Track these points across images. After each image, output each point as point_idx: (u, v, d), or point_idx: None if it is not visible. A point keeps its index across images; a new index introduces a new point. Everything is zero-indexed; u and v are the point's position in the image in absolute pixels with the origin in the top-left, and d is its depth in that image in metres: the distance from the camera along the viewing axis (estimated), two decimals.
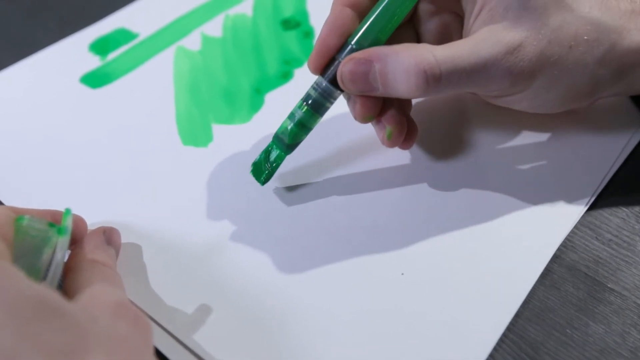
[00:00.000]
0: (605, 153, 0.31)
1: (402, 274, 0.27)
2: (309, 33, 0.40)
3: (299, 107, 0.28)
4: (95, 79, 0.37)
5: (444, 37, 0.30)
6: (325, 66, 0.28)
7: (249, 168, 0.31)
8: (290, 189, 0.31)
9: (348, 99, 0.30)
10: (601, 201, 0.30)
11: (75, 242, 0.26)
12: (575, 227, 0.29)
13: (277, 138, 0.29)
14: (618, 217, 0.29)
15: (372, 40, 0.27)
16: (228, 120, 0.34)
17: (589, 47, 0.27)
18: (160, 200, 0.30)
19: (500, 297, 0.26)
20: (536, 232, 0.28)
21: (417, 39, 0.31)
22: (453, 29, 0.31)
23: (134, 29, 0.40)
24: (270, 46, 0.39)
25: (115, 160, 0.32)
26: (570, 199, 0.29)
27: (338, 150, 0.32)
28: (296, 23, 0.41)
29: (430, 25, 0.31)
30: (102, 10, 0.42)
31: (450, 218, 0.29)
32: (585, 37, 0.26)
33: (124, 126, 0.34)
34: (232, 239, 0.29)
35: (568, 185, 0.30)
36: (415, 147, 0.32)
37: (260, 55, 0.38)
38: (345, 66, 0.27)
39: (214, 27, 0.41)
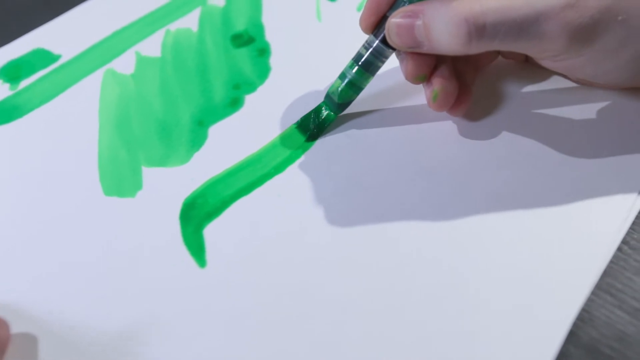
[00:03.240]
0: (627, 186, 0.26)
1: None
2: (264, 50, 0.34)
3: (350, 67, 0.28)
4: (1, 113, 0.31)
5: None
6: (377, 24, 0.27)
7: (179, 222, 0.25)
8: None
9: (399, 57, 0.28)
10: (621, 256, 0.24)
11: None
12: (593, 292, 0.23)
13: (328, 97, 0.29)
14: None
15: None
16: (162, 161, 0.28)
17: None
18: (68, 272, 0.24)
19: None
20: (544, 302, 0.22)
21: None
22: None
23: (55, 49, 0.34)
24: (218, 67, 0.33)
25: (12, 220, 0.26)
26: (584, 252, 0.24)
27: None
28: (249, 38, 0.35)
29: None
30: (19, 29, 0.35)
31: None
32: None
33: (31, 174, 0.28)
34: (162, 324, 0.22)
35: (583, 233, 0.24)
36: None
37: (205, 78, 0.32)
38: (392, 20, 0.25)
39: (153, 46, 0.34)
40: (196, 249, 0.25)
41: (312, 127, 0.28)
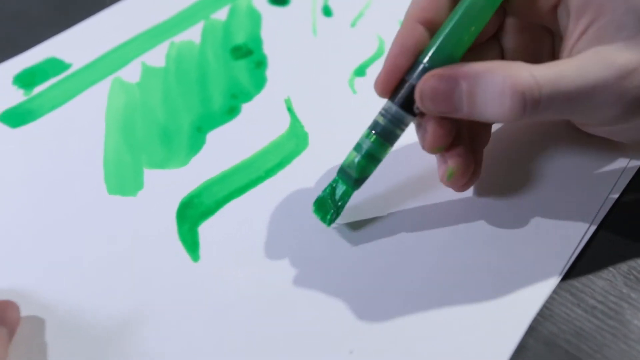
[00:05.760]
0: (588, 203, 0.27)
1: (351, 352, 0.23)
2: (261, 63, 0.36)
3: (367, 136, 0.25)
4: (16, 117, 0.33)
5: (533, 56, 0.27)
6: (394, 89, 0.25)
7: (175, 219, 0.27)
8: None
9: (418, 125, 0.26)
10: (583, 260, 0.26)
11: None
12: (554, 291, 0.25)
13: (342, 172, 0.26)
14: (603, 278, 0.25)
15: (446, 57, 0.24)
16: (162, 164, 0.30)
17: None
18: (73, 262, 0.26)
19: None
20: (507, 299, 0.24)
21: (502, 56, 0.28)
22: (544, 48, 0.27)
23: (67, 58, 0.36)
24: (217, 77, 0.35)
25: (24, 214, 0.28)
26: (547, 257, 0.26)
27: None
28: (248, 51, 0.37)
29: (517, 42, 0.27)
30: (34, 39, 0.37)
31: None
32: None
33: (41, 173, 0.30)
34: (157, 312, 0.24)
35: (544, 241, 0.26)
36: None
37: (205, 87, 0.35)
38: (426, 82, 0.23)
39: (158, 56, 0.37)
40: (191, 244, 0.27)
41: (331, 210, 0.26)
